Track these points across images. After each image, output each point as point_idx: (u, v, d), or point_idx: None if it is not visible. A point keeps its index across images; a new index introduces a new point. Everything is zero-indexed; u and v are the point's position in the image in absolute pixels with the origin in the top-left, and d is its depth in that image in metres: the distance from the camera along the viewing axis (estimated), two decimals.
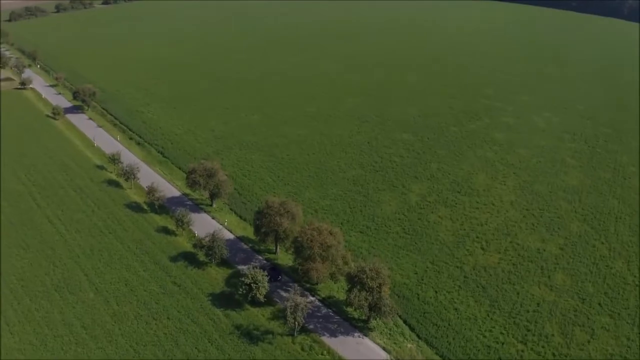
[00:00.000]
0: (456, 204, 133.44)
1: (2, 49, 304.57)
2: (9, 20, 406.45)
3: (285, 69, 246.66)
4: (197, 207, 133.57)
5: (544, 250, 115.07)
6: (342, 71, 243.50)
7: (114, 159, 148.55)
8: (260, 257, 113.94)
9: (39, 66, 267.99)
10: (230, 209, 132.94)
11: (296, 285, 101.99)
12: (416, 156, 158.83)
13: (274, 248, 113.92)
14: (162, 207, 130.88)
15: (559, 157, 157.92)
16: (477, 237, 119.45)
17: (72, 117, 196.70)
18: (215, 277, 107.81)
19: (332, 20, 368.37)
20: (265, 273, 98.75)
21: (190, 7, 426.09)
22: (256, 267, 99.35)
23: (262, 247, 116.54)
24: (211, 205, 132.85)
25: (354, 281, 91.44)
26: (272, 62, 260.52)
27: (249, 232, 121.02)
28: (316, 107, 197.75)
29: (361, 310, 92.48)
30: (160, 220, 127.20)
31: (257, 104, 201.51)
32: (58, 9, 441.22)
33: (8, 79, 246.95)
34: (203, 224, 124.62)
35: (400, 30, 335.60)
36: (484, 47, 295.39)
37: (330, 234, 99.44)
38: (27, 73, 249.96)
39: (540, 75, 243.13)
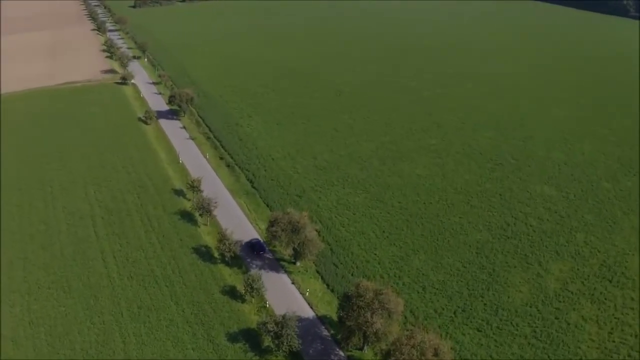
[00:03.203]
0: (606, 299, 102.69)
1: (116, 38, 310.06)
2: (134, 7, 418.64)
3: (415, 86, 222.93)
4: (277, 263, 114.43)
5: None
6: (480, 95, 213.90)
7: (193, 187, 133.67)
8: (342, 354, 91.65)
9: (146, 60, 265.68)
10: (317, 272, 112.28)
11: None
12: (558, 220, 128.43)
13: (361, 345, 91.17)
14: (235, 257, 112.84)
15: None
16: (630, 356, 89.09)
17: (165, 124, 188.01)
18: None
19: (479, 30, 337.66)
20: None
21: (310, 6, 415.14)
22: None
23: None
24: (294, 264, 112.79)
25: None
26: (401, 76, 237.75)
27: (335, 309, 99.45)
28: (442, 138, 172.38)
29: None
30: (230, 276, 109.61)
31: (372, 127, 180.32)
32: None
33: (112, 71, 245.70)
34: (279, 291, 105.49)
35: (556, 50, 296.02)
36: None
37: (436, 354, 75.22)
38: (133, 66, 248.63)
39: None
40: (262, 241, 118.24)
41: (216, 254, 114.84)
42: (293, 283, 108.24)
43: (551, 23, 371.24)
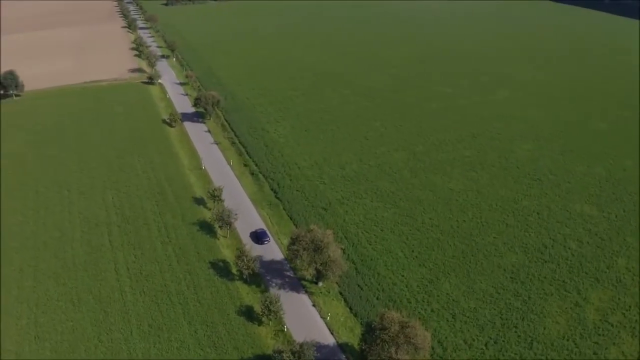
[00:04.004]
0: None
1: (146, 36, 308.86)
2: (166, 5, 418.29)
3: (449, 93, 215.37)
4: (298, 282, 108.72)
5: None
6: (517, 103, 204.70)
7: (214, 196, 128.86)
8: None
9: (174, 59, 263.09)
10: (340, 294, 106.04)
11: None
12: (599, 243, 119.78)
13: None
14: (254, 274, 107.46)
15: None
16: None
17: (190, 127, 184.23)
18: None
19: (506, 33, 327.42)
20: None
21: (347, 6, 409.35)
22: None
23: None
24: (316, 284, 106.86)
25: None
26: (434, 81, 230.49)
27: (358, 337, 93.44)
28: (477, 149, 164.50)
29: None
30: (247, 294, 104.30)
31: (404, 136, 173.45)
32: None
33: (139, 70, 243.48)
34: (298, 313, 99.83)
35: (591, 57, 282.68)
36: None
37: None
38: (162, 65, 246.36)
39: None
40: (265, 230, 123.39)
41: (234, 270, 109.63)
42: (314, 305, 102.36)
43: (571, 24, 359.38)
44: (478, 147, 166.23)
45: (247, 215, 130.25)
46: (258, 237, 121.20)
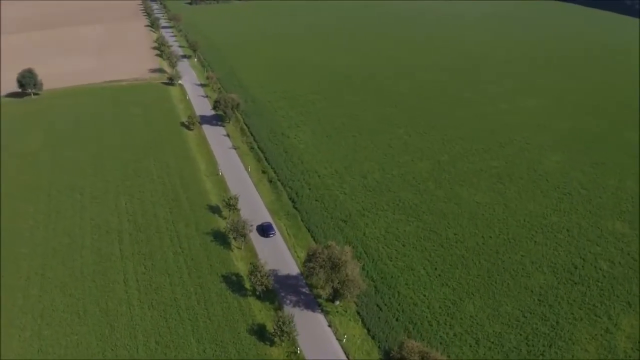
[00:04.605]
0: None
1: (168, 35, 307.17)
2: (190, 4, 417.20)
3: (476, 100, 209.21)
4: (313, 300, 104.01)
5: None
6: (545, 112, 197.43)
7: (230, 205, 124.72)
8: None
9: (196, 59, 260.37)
10: (358, 313, 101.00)
11: None
12: (631, 264, 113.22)
13: None
14: (267, 290, 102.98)
15: None
16: None
17: (208, 130, 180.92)
18: None
19: (537, 35, 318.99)
20: None
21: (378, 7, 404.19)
22: None
23: None
24: (333, 302, 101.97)
25: None
26: (461, 87, 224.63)
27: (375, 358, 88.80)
28: (505, 160, 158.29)
29: None
30: (260, 312, 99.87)
31: (429, 144, 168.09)
32: None
33: (160, 70, 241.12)
34: (313, 334, 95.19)
35: (617, 64, 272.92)
36: None
37: None
38: (183, 66, 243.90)
39: None
40: (272, 223, 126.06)
41: (247, 284, 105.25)
42: (330, 325, 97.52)
43: (590, 27, 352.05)
44: (505, 157, 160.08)
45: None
46: (264, 230, 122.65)
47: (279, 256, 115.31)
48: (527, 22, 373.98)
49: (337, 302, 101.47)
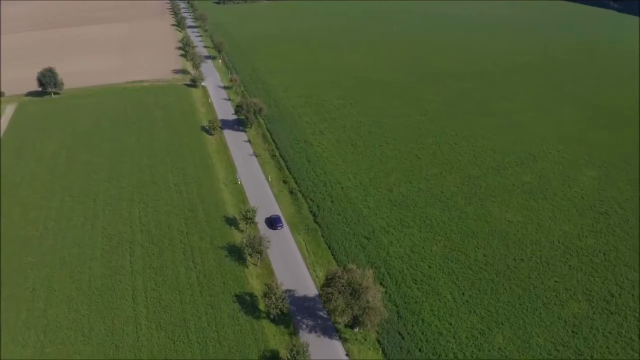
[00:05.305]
0: None
1: (194, 35, 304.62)
2: (217, 3, 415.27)
3: (508, 109, 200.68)
4: (331, 325, 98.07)
5: None
6: (581, 123, 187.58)
7: (247, 218, 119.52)
8: None
9: (220, 61, 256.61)
10: (378, 342, 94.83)
11: None
12: None
13: None
14: (282, 314, 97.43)
15: None
16: None
17: (230, 135, 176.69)
18: None
19: (564, 39, 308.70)
20: None
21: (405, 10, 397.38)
22: None
23: None
24: (352, 329, 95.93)
25: None
26: (492, 95, 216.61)
27: None
28: (538, 174, 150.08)
29: None
30: (274, 337, 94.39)
31: (459, 156, 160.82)
32: None
33: (183, 71, 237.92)
34: None
35: None
36: None
37: None
38: (207, 67, 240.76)
39: None
40: (280, 216, 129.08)
41: (261, 305, 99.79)
42: (347, 354, 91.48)
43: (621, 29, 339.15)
44: (539, 171, 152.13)
45: (281, 241, 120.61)
46: (272, 222, 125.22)
47: (296, 275, 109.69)
48: (551, 25, 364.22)
49: (357, 329, 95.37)
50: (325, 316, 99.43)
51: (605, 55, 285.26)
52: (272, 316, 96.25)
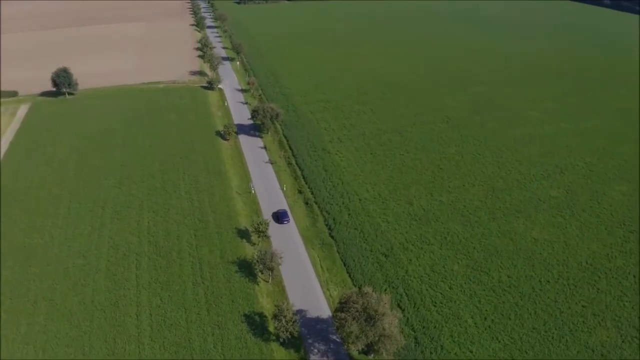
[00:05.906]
0: None
1: (213, 35, 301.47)
2: (238, 3, 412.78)
3: (535, 117, 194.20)
4: (344, 352, 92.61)
5: None
6: (611, 134, 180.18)
7: (260, 231, 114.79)
8: None
9: (239, 63, 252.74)
10: None
11: None
12: None
13: None
14: (292, 337, 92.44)
15: None
16: None
17: (245, 141, 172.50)
18: None
19: (588, 43, 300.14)
20: None
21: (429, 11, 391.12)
22: None
23: None
24: (366, 355, 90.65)
25: None
26: (518, 101, 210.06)
27: None
28: (566, 189, 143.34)
29: None
30: None
31: (483, 167, 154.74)
32: None
33: (200, 73, 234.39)
34: None
35: None
36: None
37: None
38: (225, 69, 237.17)
39: None
40: (287, 211, 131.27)
41: (271, 327, 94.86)
42: None
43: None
44: (566, 185, 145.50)
45: (294, 256, 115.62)
46: (279, 217, 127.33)
47: (309, 294, 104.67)
48: (577, 27, 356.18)
49: (372, 356, 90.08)
50: (338, 340, 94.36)
51: (637, 61, 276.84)
52: (281, 339, 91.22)
